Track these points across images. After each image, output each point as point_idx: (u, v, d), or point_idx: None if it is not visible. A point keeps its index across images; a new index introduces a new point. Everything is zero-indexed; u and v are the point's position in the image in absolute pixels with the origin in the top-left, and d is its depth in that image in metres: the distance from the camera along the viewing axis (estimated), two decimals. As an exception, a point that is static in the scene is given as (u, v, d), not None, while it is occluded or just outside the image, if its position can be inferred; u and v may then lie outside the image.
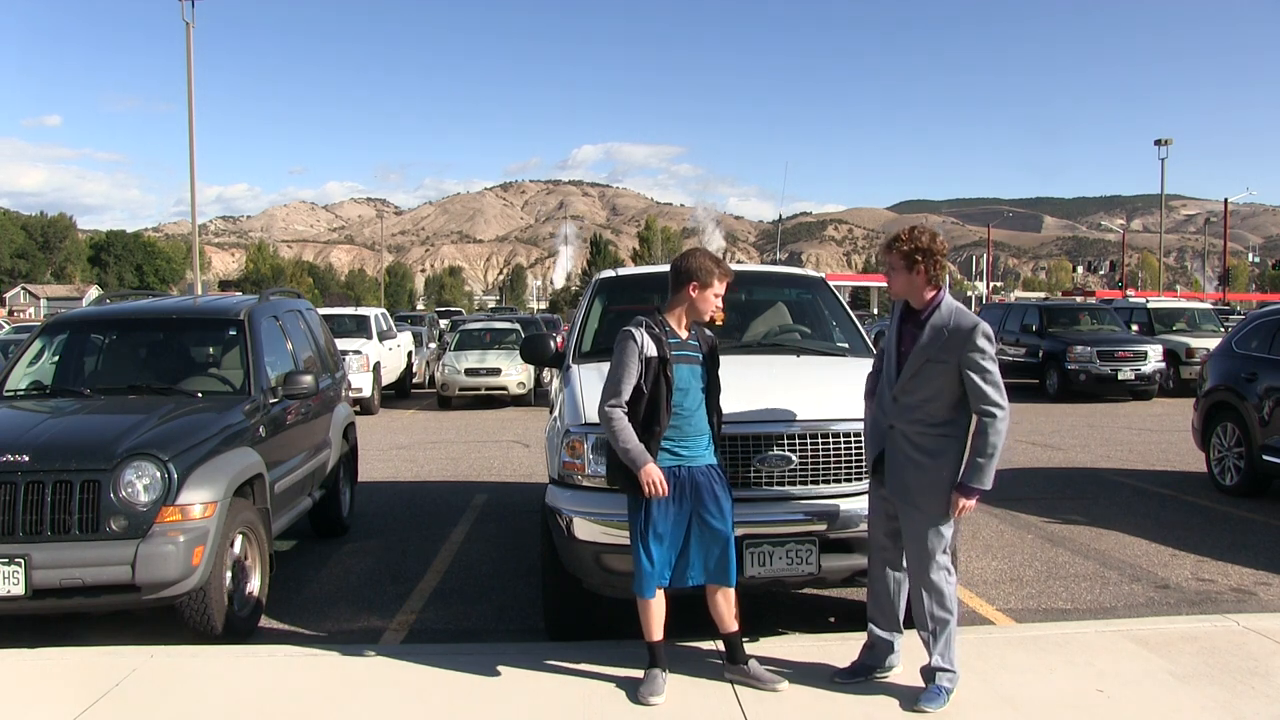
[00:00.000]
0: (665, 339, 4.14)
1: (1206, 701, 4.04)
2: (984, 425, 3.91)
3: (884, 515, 4.17)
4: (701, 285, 4.18)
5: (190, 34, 28.36)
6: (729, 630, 4.26)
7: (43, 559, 4.58)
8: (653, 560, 4.07)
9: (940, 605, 4.02)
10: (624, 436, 4.04)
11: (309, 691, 4.31)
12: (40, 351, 6.55)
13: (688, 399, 4.15)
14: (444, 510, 8.79)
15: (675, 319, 4.24)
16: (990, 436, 3.90)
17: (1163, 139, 45.73)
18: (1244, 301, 53.53)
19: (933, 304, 4.02)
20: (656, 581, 4.10)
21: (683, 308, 4.23)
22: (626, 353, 4.09)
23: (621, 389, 4.07)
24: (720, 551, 4.13)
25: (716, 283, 4.20)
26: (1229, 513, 8.36)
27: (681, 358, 4.16)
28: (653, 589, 4.11)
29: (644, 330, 4.13)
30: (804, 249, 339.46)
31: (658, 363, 4.08)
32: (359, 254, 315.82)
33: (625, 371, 4.08)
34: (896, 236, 4.10)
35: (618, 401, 4.07)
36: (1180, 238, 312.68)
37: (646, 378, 4.07)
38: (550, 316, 38.27)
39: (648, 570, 4.08)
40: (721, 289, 4.24)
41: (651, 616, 4.16)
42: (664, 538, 4.07)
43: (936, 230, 4.23)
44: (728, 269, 4.28)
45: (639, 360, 4.07)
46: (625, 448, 4.03)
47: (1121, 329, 19.66)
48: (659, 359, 4.09)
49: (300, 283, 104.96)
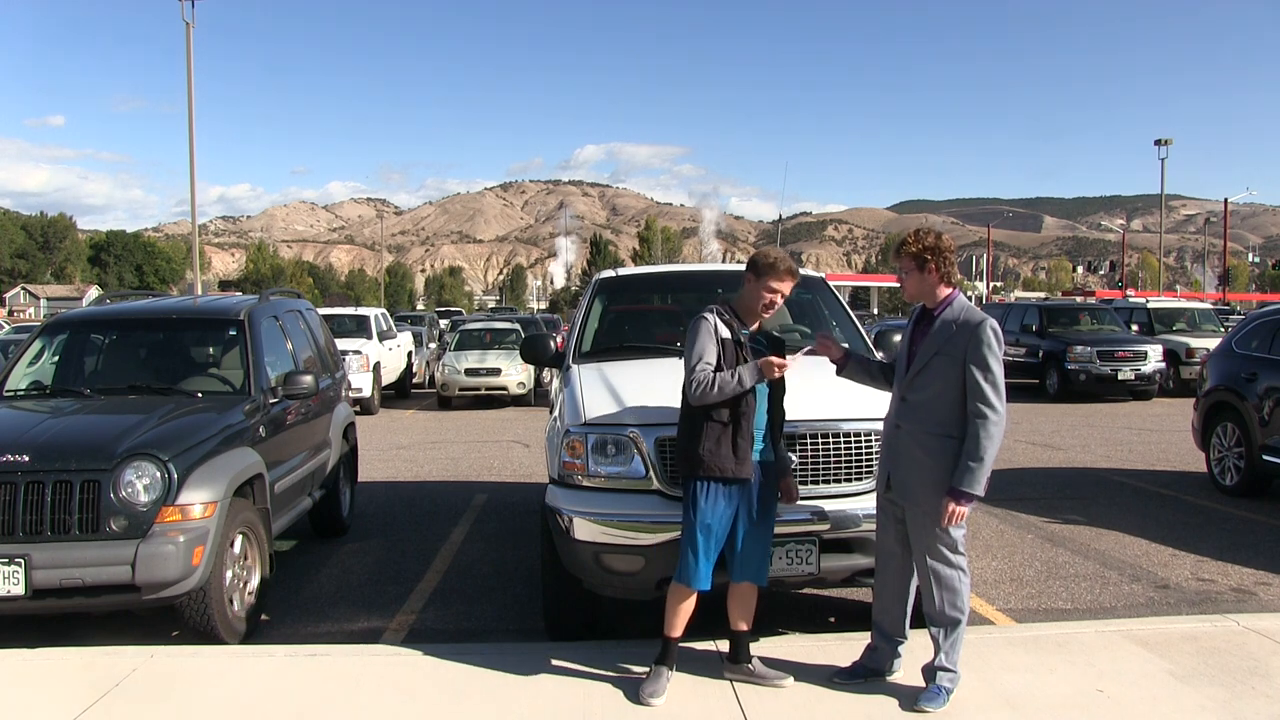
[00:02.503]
0: (736, 326, 4.17)
1: (1206, 701, 4.04)
2: (975, 426, 3.86)
3: (893, 519, 4.16)
4: (758, 276, 4.18)
5: (190, 34, 28.34)
6: (739, 628, 4.26)
7: (43, 559, 4.57)
8: (699, 552, 4.04)
9: (953, 605, 4.01)
10: (727, 378, 3.97)
11: (309, 691, 4.31)
12: (40, 351, 6.55)
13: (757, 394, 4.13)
14: (444, 510, 8.79)
15: (743, 311, 4.25)
16: (981, 439, 3.84)
17: (1163, 139, 45.72)
18: (1244, 301, 53.57)
19: (946, 302, 4.03)
20: (703, 575, 4.06)
21: (744, 298, 4.25)
22: (701, 332, 4.10)
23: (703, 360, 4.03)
24: (762, 550, 4.16)
25: (772, 281, 4.15)
26: (1229, 513, 8.36)
27: (751, 349, 4.17)
28: (702, 580, 4.07)
29: (715, 315, 4.16)
30: (804, 249, 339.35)
31: (732, 344, 4.11)
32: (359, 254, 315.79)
33: (704, 347, 4.06)
34: (904, 240, 4.12)
35: (706, 366, 4.02)
36: (1180, 238, 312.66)
37: (725, 357, 4.08)
38: (550, 316, 38.28)
39: (694, 562, 4.05)
40: (777, 285, 4.16)
41: (680, 611, 4.15)
42: (712, 530, 4.05)
43: (934, 229, 4.23)
44: (790, 267, 4.21)
45: (715, 339, 4.08)
46: (740, 380, 3.97)
47: (1121, 329, 19.66)
48: (733, 341, 4.11)
49: (300, 283, 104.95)
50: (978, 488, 3.86)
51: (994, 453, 3.88)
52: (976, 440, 3.85)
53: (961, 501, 3.87)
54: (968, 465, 3.85)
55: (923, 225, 4.56)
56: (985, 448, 3.84)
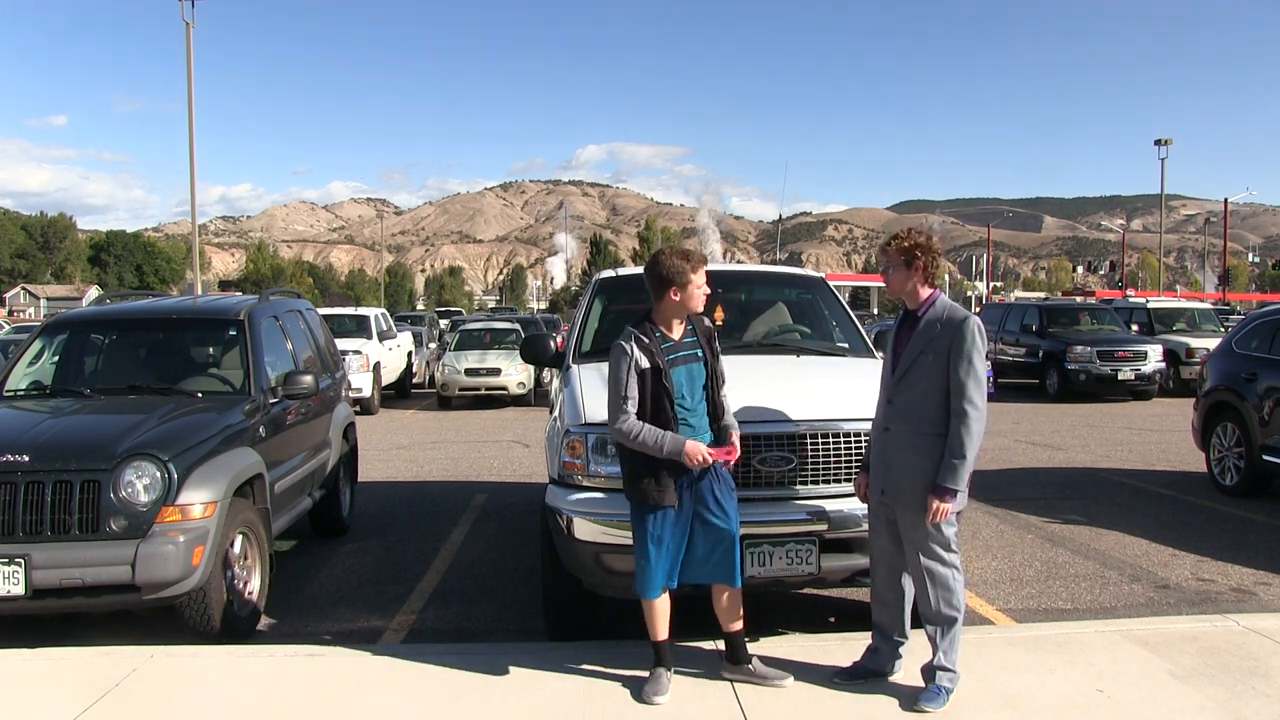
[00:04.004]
0: (656, 346, 4.08)
1: (1206, 701, 4.04)
2: (957, 423, 3.91)
3: (884, 520, 4.17)
4: (680, 286, 4.11)
5: (190, 34, 28.36)
6: (731, 630, 4.23)
7: (43, 559, 4.57)
8: (653, 562, 4.06)
9: (948, 603, 4.02)
10: (650, 436, 3.97)
11: (309, 691, 4.31)
12: (40, 351, 6.55)
13: (688, 400, 4.12)
14: (444, 510, 8.79)
15: (665, 323, 4.18)
16: (962, 435, 3.90)
17: (1163, 139, 45.75)
18: (1244, 301, 53.52)
19: (929, 302, 4.09)
20: (660, 583, 4.09)
21: (669, 311, 4.17)
22: (620, 367, 4.05)
23: (626, 401, 4.03)
24: (724, 551, 4.10)
25: (694, 275, 4.11)
26: (1229, 513, 8.36)
27: (677, 359, 4.12)
28: (656, 590, 4.10)
29: (633, 343, 4.07)
30: (804, 249, 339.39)
31: (651, 373, 4.04)
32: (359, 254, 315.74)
33: (623, 385, 4.04)
34: (895, 235, 4.20)
35: (626, 413, 4.02)
36: (1180, 238, 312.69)
37: (644, 390, 4.03)
38: (550, 316, 38.29)
39: (649, 572, 4.07)
40: (702, 279, 4.16)
41: (656, 617, 4.16)
42: (662, 539, 4.05)
43: (934, 229, 4.27)
44: (699, 256, 4.20)
45: (633, 372, 4.03)
46: (659, 444, 3.96)
47: (1121, 329, 19.67)
48: (652, 369, 4.04)
49: (300, 283, 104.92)
50: (960, 483, 3.92)
51: (976, 448, 3.94)
52: (959, 437, 3.91)
53: (946, 498, 3.91)
54: (951, 462, 3.91)
55: (916, 226, 4.61)
56: (968, 444, 3.90)
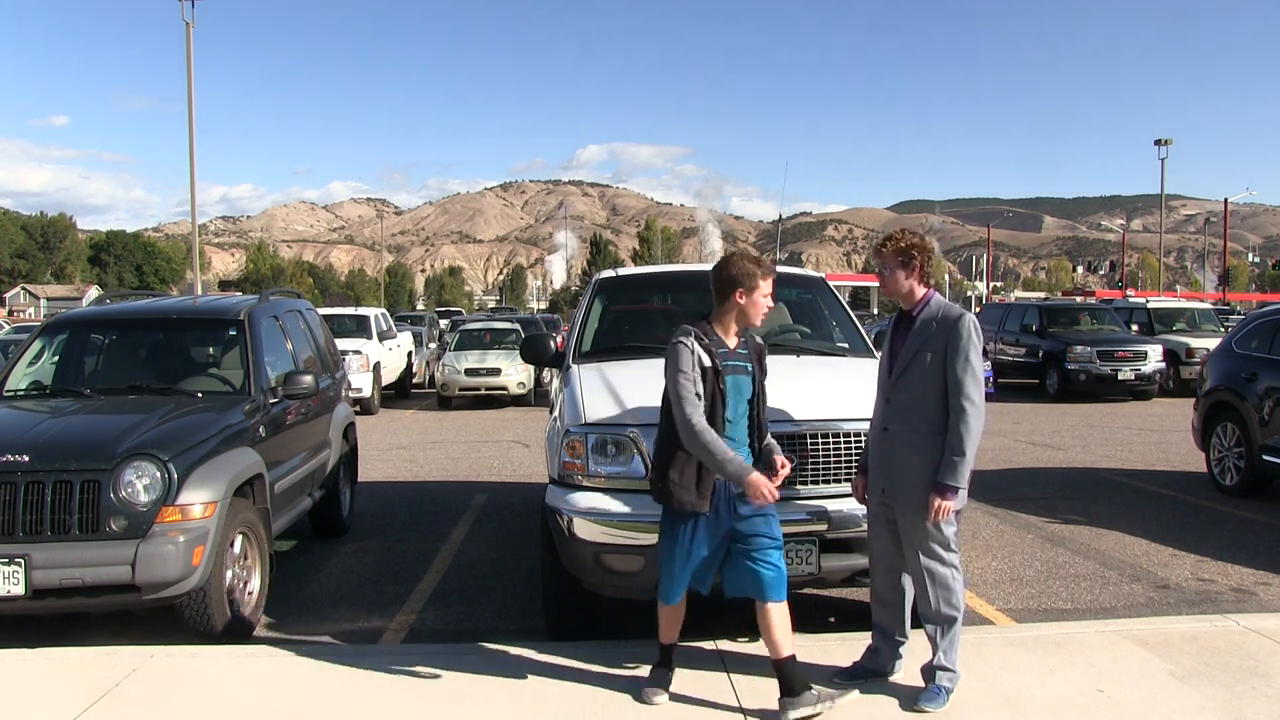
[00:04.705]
0: (715, 349, 3.98)
1: (1206, 701, 4.04)
2: (956, 420, 3.92)
3: (884, 520, 4.17)
4: (748, 290, 4.02)
5: (190, 34, 28.37)
6: (779, 657, 3.87)
7: (43, 559, 4.57)
8: (678, 568, 3.98)
9: (948, 603, 4.02)
10: (719, 447, 3.79)
11: (309, 691, 4.31)
12: (40, 351, 6.55)
13: (732, 411, 4.00)
14: (444, 510, 8.79)
15: (723, 328, 4.07)
16: (961, 431, 3.90)
17: (1163, 139, 45.77)
18: (1244, 301, 53.51)
19: (924, 301, 4.11)
20: (683, 590, 4.04)
21: (731, 316, 4.05)
22: (683, 360, 3.88)
23: (699, 399, 3.85)
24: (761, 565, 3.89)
25: (762, 283, 4.03)
26: (1229, 513, 8.36)
27: (731, 368, 4.00)
28: (677, 596, 4.06)
29: (693, 339, 3.94)
30: (804, 249, 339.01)
31: (711, 373, 3.92)
32: (359, 254, 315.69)
33: (693, 380, 3.86)
34: (890, 236, 4.24)
35: (699, 410, 3.83)
36: (1180, 238, 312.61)
37: (705, 390, 3.90)
38: (550, 316, 38.31)
39: (674, 578, 4.01)
40: (769, 288, 4.09)
41: (670, 621, 4.13)
42: (691, 547, 3.95)
43: (934, 229, 4.29)
44: (770, 266, 4.13)
45: (697, 367, 3.90)
46: (724, 459, 3.78)
47: (1121, 329, 19.67)
48: (712, 369, 3.92)
49: (300, 283, 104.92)
50: (960, 480, 3.92)
51: (976, 445, 3.94)
52: (959, 434, 3.91)
53: (947, 496, 3.91)
54: (951, 459, 3.91)
55: (910, 226, 4.66)
56: (968, 441, 3.90)
